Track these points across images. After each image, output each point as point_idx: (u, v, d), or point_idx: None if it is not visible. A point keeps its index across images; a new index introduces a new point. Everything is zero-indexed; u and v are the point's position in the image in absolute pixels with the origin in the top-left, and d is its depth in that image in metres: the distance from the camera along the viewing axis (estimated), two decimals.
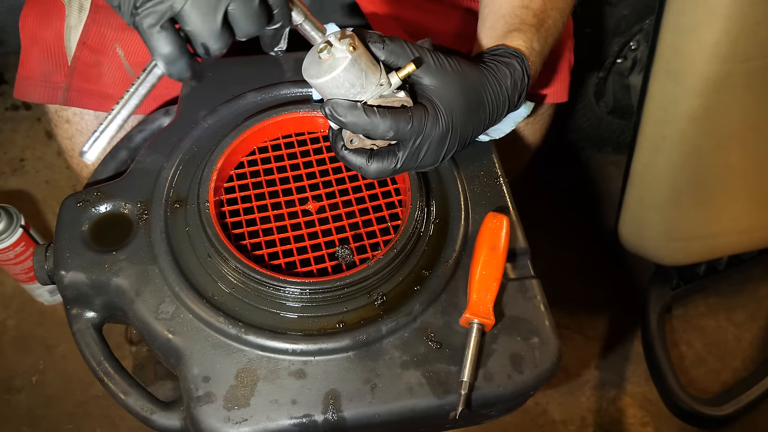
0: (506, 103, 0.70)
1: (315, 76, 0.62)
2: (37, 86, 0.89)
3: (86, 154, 0.61)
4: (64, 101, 0.89)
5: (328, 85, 0.62)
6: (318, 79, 0.62)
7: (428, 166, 0.69)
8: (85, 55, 0.87)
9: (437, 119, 0.65)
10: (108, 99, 0.89)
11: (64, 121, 0.93)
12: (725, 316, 1.45)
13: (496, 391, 0.64)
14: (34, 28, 0.87)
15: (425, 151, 0.66)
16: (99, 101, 0.89)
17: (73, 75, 0.88)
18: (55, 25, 0.87)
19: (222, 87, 0.81)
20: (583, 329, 1.43)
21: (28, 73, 0.89)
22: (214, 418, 0.61)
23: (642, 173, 1.14)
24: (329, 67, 0.62)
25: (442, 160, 0.69)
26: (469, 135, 0.69)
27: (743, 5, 0.91)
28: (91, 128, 0.92)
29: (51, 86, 0.88)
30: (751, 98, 1.04)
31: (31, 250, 1.27)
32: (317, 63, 0.63)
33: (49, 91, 0.88)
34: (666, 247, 1.23)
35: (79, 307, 0.70)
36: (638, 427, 1.33)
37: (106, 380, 0.67)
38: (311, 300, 0.65)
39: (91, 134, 0.61)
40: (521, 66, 0.70)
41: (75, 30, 0.87)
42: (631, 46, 1.37)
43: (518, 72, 0.70)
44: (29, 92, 0.89)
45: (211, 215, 0.68)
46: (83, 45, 0.87)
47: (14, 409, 1.29)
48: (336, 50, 0.62)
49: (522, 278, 0.70)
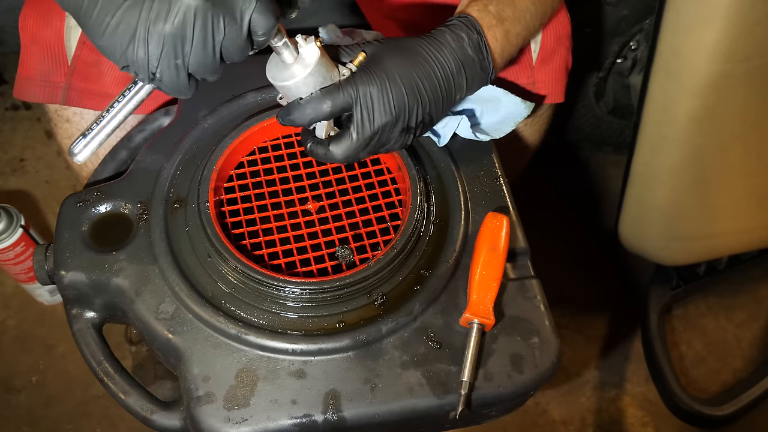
0: (454, 54, 0.68)
1: (284, 78, 0.63)
2: (36, 86, 0.89)
3: (77, 156, 0.62)
4: (64, 101, 0.89)
5: (298, 86, 0.63)
6: (288, 81, 0.63)
7: (396, 135, 0.67)
8: (85, 54, 0.87)
9: (368, 76, 0.64)
10: (108, 98, 0.89)
11: (64, 121, 0.93)
12: (725, 316, 1.45)
13: (496, 391, 0.64)
14: (34, 28, 0.87)
15: (373, 113, 0.64)
16: (99, 101, 0.89)
17: (73, 75, 0.88)
18: (55, 25, 0.87)
19: (222, 87, 0.81)
20: (583, 329, 1.43)
21: (27, 72, 0.89)
22: (214, 418, 0.61)
23: (642, 173, 1.14)
24: (298, 68, 0.62)
25: (407, 122, 0.66)
26: (423, 89, 0.66)
27: (743, 5, 0.91)
28: None
29: (51, 86, 0.88)
30: (751, 98, 1.04)
31: (31, 250, 1.26)
32: (282, 66, 0.63)
33: (49, 90, 0.88)
34: (666, 247, 1.22)
35: (79, 307, 0.70)
36: (638, 427, 1.33)
37: (106, 380, 0.67)
38: (311, 300, 0.65)
39: (81, 134, 0.62)
40: (463, 21, 0.69)
41: (75, 30, 0.87)
42: (631, 46, 1.36)
43: (459, 26, 0.69)
44: (29, 92, 0.89)
45: (211, 215, 0.68)
46: (83, 45, 0.87)
47: (14, 409, 1.29)
48: (303, 51, 0.62)
49: (522, 278, 0.70)
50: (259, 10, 0.55)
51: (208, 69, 0.57)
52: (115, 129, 0.63)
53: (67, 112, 0.92)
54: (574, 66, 0.97)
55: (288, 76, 0.63)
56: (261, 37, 0.57)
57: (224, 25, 0.54)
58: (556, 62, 0.93)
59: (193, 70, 0.57)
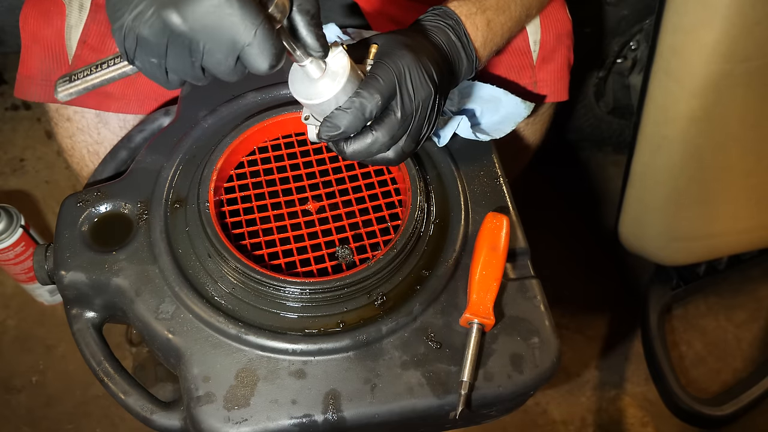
0: (446, 36, 0.69)
1: (317, 95, 0.58)
2: (37, 85, 0.89)
3: (59, 93, 0.62)
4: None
5: (334, 100, 0.59)
6: (322, 98, 0.58)
7: (429, 113, 0.65)
8: (86, 54, 0.87)
9: (395, 58, 0.62)
10: (108, 98, 0.89)
11: (65, 120, 0.93)
12: (725, 316, 1.45)
13: (496, 391, 0.64)
14: (34, 27, 0.87)
15: (413, 89, 0.62)
16: (100, 99, 0.89)
17: None
18: (56, 24, 0.87)
19: (222, 87, 0.81)
20: (583, 329, 1.43)
21: (28, 72, 0.89)
22: (214, 418, 0.61)
23: (642, 173, 1.14)
24: (329, 83, 0.58)
25: (438, 96, 0.65)
26: (439, 65, 0.66)
27: (743, 5, 0.91)
28: (92, 127, 0.92)
29: (52, 85, 0.88)
30: (751, 98, 1.04)
31: (31, 250, 1.26)
32: (308, 81, 0.59)
33: (49, 89, 0.89)
34: (666, 247, 1.22)
35: (79, 307, 0.70)
36: (638, 427, 1.33)
37: (106, 380, 0.67)
38: (311, 300, 0.65)
39: (68, 76, 0.62)
40: (437, 12, 0.70)
41: (75, 29, 0.87)
42: (631, 46, 1.36)
43: (434, 17, 0.70)
44: (30, 91, 0.89)
45: (211, 215, 0.68)
46: (84, 44, 0.87)
47: (14, 409, 1.29)
48: (331, 62, 0.58)
49: (522, 278, 0.70)
50: (254, 49, 0.50)
51: (189, 77, 0.54)
52: (102, 83, 0.62)
53: (68, 111, 0.92)
54: (574, 66, 0.97)
55: (321, 92, 0.58)
56: (258, 73, 0.53)
57: (207, 50, 0.51)
58: (558, 61, 0.93)
59: (172, 72, 0.54)
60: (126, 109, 0.89)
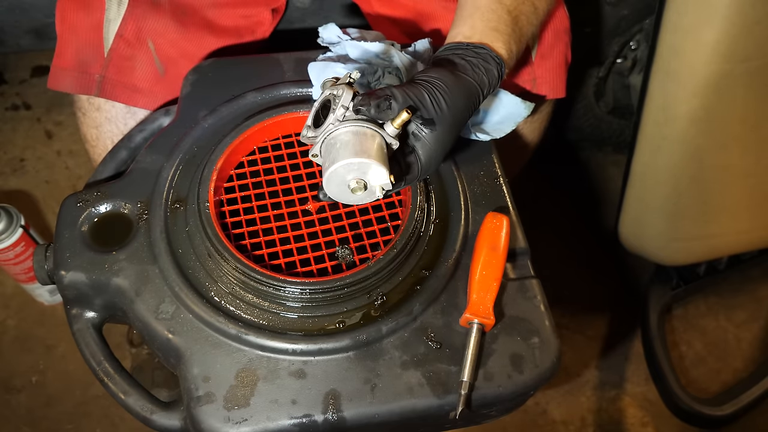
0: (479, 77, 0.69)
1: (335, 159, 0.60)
2: (72, 76, 0.90)
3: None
4: (99, 92, 0.90)
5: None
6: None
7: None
8: (122, 47, 0.88)
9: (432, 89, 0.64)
10: (137, 93, 0.89)
11: (94, 109, 0.93)
12: (725, 316, 1.45)
13: (496, 391, 0.64)
14: (73, 19, 0.89)
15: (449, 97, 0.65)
16: (129, 94, 0.89)
17: (108, 66, 0.89)
18: (96, 17, 0.88)
19: (222, 87, 0.81)
20: (583, 329, 1.43)
21: (64, 63, 0.90)
22: (214, 418, 0.61)
23: (642, 173, 1.14)
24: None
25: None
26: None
27: (743, 5, 0.91)
28: (120, 118, 0.93)
29: (87, 76, 0.89)
30: (751, 98, 1.04)
31: (31, 250, 1.26)
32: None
33: (84, 80, 0.89)
34: (666, 247, 1.22)
35: (79, 307, 0.70)
36: (638, 427, 1.33)
37: (106, 380, 0.67)
38: (311, 300, 0.65)
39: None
40: (499, 73, 0.70)
41: (114, 23, 0.88)
42: (631, 46, 1.36)
43: (494, 80, 0.69)
44: (64, 82, 0.90)
45: (211, 215, 0.68)
46: (120, 38, 0.88)
47: (14, 409, 1.29)
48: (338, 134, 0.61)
49: (522, 278, 0.70)
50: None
51: None
52: None
53: (99, 100, 0.92)
54: (574, 66, 0.97)
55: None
56: None
57: None
58: (555, 57, 0.93)
59: None
60: (152, 105, 0.90)
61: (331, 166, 0.60)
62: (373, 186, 0.61)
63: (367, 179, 0.61)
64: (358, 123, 0.61)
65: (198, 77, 0.82)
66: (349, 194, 0.62)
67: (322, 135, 0.62)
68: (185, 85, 0.82)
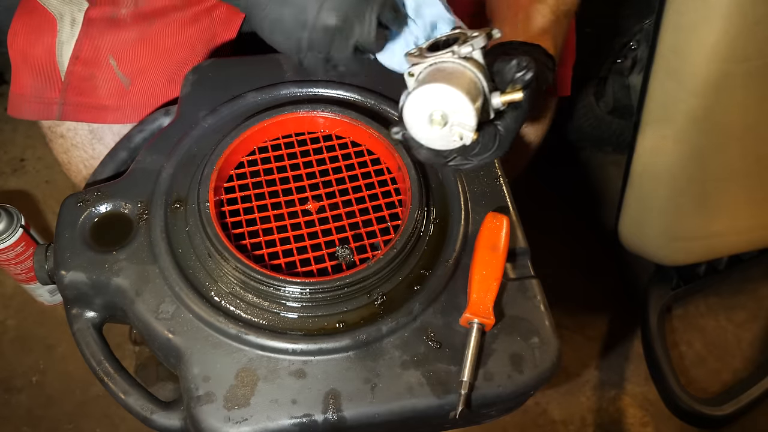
0: None
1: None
2: (30, 103, 0.88)
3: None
4: (60, 116, 0.88)
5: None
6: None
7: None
8: (79, 69, 0.87)
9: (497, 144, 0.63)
10: (104, 110, 0.88)
11: (58, 137, 0.92)
12: (725, 316, 1.45)
13: (496, 391, 0.64)
14: (24, 46, 0.86)
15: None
16: (95, 113, 0.88)
17: (67, 90, 0.87)
18: (46, 42, 0.86)
19: (222, 87, 0.81)
20: (583, 329, 1.43)
21: (20, 90, 0.88)
22: (214, 418, 0.61)
23: (642, 173, 1.14)
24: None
25: None
26: None
27: (743, 5, 0.91)
28: (86, 142, 0.91)
29: (45, 102, 0.87)
30: (751, 98, 1.04)
31: (31, 250, 1.26)
32: None
33: (43, 107, 0.88)
34: (666, 247, 1.22)
35: (79, 307, 0.70)
36: (638, 427, 1.33)
37: (106, 380, 0.67)
38: (311, 300, 0.65)
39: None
40: (553, 79, 0.70)
41: (67, 45, 0.86)
42: (631, 46, 1.36)
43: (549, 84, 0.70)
44: (23, 109, 0.88)
45: (211, 215, 0.68)
46: (76, 59, 0.86)
47: (14, 409, 1.29)
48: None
49: (522, 278, 0.70)
50: None
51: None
52: None
53: (61, 128, 0.91)
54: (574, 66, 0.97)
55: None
56: None
57: None
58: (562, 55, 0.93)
59: None
60: (123, 119, 0.89)
61: (427, 84, 0.56)
62: (455, 129, 0.57)
63: (451, 119, 0.57)
64: (478, 70, 0.58)
65: (198, 77, 0.82)
66: (423, 125, 0.58)
67: (435, 58, 0.58)
68: (185, 85, 0.82)
